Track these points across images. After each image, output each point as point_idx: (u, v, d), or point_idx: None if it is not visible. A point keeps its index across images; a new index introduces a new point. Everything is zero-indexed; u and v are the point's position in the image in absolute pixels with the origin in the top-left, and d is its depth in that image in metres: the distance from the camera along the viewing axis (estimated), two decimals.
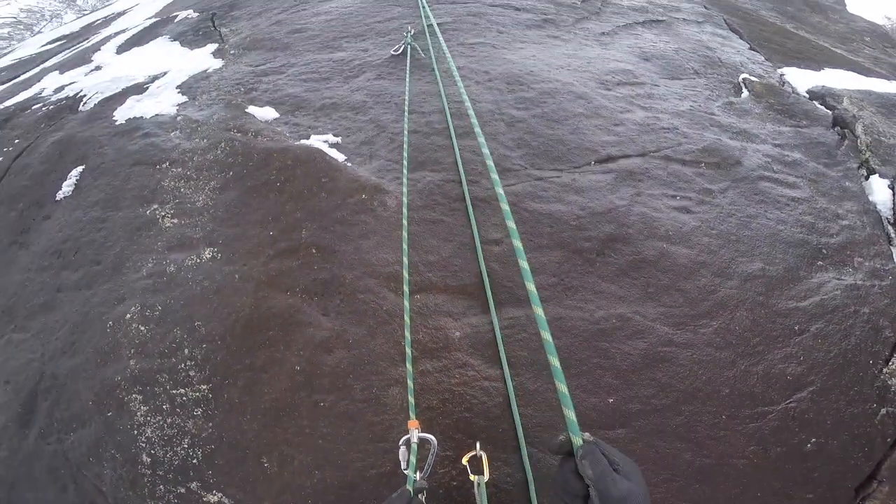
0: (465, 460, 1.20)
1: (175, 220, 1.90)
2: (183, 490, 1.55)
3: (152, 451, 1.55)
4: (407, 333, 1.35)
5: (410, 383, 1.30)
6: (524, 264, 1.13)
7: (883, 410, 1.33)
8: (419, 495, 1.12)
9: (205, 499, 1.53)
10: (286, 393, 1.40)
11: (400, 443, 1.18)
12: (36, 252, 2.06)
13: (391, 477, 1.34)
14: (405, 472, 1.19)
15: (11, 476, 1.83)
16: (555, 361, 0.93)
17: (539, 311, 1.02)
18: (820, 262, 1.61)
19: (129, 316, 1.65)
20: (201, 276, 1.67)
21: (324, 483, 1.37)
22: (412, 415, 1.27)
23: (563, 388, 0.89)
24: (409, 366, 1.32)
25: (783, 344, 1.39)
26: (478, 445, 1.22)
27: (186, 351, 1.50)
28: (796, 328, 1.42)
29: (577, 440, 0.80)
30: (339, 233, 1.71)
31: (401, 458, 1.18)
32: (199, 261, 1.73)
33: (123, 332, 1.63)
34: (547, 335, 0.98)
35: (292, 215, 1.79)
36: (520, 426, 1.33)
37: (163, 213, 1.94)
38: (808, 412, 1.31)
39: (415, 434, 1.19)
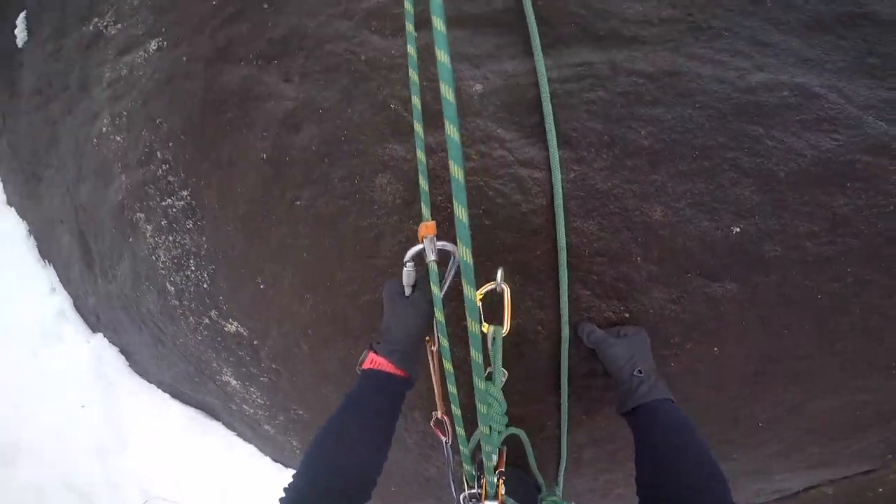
0: (478, 297, 0.76)
1: (118, 26, 1.60)
2: (207, 320, 1.52)
3: (171, 278, 1.53)
4: (413, 74, 0.80)
5: (421, 155, 0.81)
6: None
7: None
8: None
9: (226, 328, 1.49)
10: (258, 191, 1.15)
11: (406, 258, 0.76)
12: (25, 96, 1.98)
13: None
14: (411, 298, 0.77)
15: (108, 319, 2.03)
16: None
17: None
18: None
19: (104, 129, 1.53)
20: (151, 70, 1.41)
21: (316, 311, 1.18)
22: (426, 213, 0.80)
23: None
24: (417, 127, 0.81)
25: None
26: (499, 274, 0.80)
27: (159, 154, 1.34)
28: None
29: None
30: None
31: (405, 281, 0.78)
32: (146, 55, 1.45)
33: (106, 147, 1.53)
34: None
35: None
36: (564, 251, 0.84)
37: (104, 24, 1.65)
38: None
39: (431, 246, 0.72)
